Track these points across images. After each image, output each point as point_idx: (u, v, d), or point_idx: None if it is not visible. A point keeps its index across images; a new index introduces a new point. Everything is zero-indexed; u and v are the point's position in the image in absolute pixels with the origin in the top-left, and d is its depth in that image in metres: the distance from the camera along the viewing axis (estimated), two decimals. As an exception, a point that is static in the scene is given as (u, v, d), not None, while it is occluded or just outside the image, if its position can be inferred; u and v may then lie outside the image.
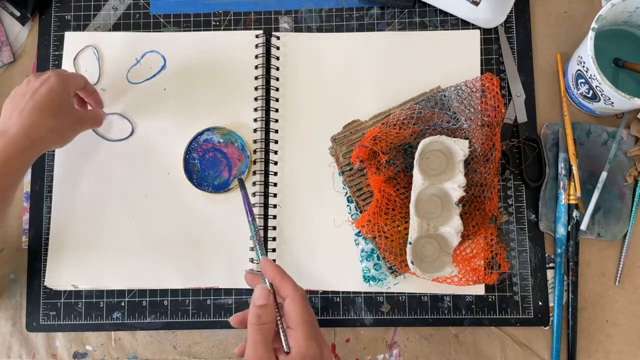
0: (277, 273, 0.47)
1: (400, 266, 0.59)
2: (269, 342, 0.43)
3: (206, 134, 0.62)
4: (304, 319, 0.44)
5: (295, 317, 0.44)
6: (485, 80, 0.61)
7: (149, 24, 0.67)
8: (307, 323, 0.44)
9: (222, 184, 0.62)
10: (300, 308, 0.44)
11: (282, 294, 0.46)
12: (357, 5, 0.66)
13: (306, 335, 0.43)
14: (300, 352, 0.42)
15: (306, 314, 0.44)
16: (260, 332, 0.43)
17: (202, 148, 0.62)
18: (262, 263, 0.48)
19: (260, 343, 0.43)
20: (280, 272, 0.47)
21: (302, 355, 0.42)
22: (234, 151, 0.62)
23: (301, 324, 0.44)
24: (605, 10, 0.55)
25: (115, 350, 0.62)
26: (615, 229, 0.61)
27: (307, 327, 0.44)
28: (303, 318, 0.44)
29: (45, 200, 0.64)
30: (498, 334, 0.61)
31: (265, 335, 0.43)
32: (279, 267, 0.48)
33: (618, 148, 0.62)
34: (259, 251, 0.50)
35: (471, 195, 0.60)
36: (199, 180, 0.62)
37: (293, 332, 0.44)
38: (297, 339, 0.43)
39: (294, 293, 0.45)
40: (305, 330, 0.43)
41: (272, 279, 0.47)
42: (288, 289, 0.46)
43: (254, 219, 0.52)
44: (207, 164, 0.62)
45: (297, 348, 0.43)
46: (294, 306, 0.44)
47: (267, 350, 0.43)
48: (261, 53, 0.65)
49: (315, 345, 0.43)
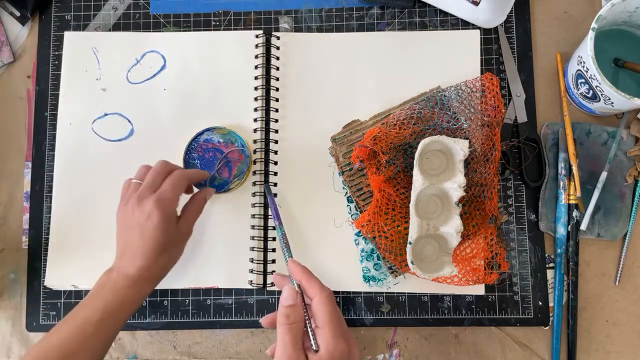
0: (304, 274, 0.49)
1: (400, 266, 0.59)
2: (297, 341, 0.45)
3: (206, 134, 0.62)
4: (331, 318, 0.45)
5: (322, 316, 0.45)
6: (485, 80, 0.61)
7: (149, 24, 0.67)
8: (335, 322, 0.45)
9: (222, 184, 0.62)
10: (328, 307, 0.46)
11: (309, 294, 0.48)
12: (357, 5, 0.66)
13: (334, 333, 0.44)
14: (329, 350, 0.44)
15: (333, 313, 0.46)
16: (290, 332, 0.45)
17: (202, 148, 0.62)
18: (290, 265, 0.51)
19: (289, 342, 0.44)
20: (307, 273, 0.49)
21: (331, 353, 0.44)
22: (234, 151, 0.62)
23: (329, 323, 0.45)
24: (605, 10, 0.55)
25: (115, 350, 0.62)
26: (615, 229, 0.61)
27: (334, 325, 0.45)
28: (330, 317, 0.45)
29: (45, 200, 0.64)
30: (498, 334, 0.61)
31: (294, 335, 0.45)
32: (306, 269, 0.50)
33: (618, 148, 0.62)
34: (286, 253, 0.53)
35: (471, 195, 0.60)
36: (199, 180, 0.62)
37: (321, 331, 0.45)
38: (325, 338, 0.44)
39: (321, 293, 0.47)
40: (333, 328, 0.45)
41: (299, 280, 0.49)
42: (315, 289, 0.47)
43: (281, 223, 0.55)
44: (207, 164, 0.62)
45: (326, 346, 0.44)
46: (321, 306, 0.46)
47: (296, 349, 0.44)
48: (261, 53, 0.65)
49: (343, 343, 0.44)
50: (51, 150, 0.65)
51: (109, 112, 0.65)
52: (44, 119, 0.66)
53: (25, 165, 0.65)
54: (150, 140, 0.65)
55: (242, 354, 0.62)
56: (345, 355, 0.44)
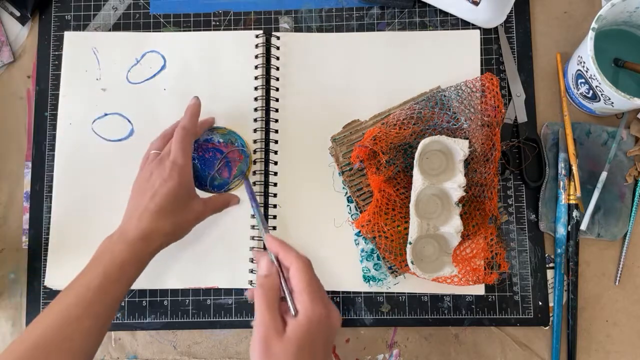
0: (281, 246, 0.50)
1: (400, 266, 0.59)
2: (272, 308, 0.45)
3: (206, 134, 0.62)
4: (308, 284, 0.46)
5: (299, 283, 0.46)
6: (485, 80, 0.61)
7: (149, 24, 0.67)
8: (311, 287, 0.46)
9: (222, 184, 0.62)
10: (305, 275, 0.47)
11: (286, 264, 0.49)
12: (357, 5, 0.66)
13: (311, 298, 0.46)
14: (307, 315, 0.45)
15: (311, 279, 0.47)
16: (264, 299, 0.46)
17: (202, 148, 0.62)
18: (267, 239, 0.51)
19: (265, 309, 0.45)
20: (283, 245, 0.50)
21: (309, 317, 0.45)
22: (234, 151, 0.62)
23: (306, 288, 0.46)
24: (605, 10, 0.55)
25: (115, 350, 0.62)
26: (615, 229, 0.61)
27: (311, 290, 0.46)
28: (307, 283, 0.46)
29: (45, 200, 0.64)
30: (498, 334, 0.61)
31: (269, 301, 0.46)
32: (282, 241, 0.51)
33: (618, 148, 0.62)
34: (263, 229, 0.53)
35: (471, 195, 0.60)
36: (199, 180, 0.62)
37: (299, 296, 0.46)
38: (303, 303, 0.46)
39: (297, 262, 0.48)
40: (310, 293, 0.46)
41: (276, 252, 0.50)
42: (292, 258, 0.48)
43: (256, 200, 0.57)
44: (206, 163, 0.62)
45: (304, 311, 0.45)
46: (298, 273, 0.47)
47: (271, 315, 0.45)
48: (261, 53, 0.65)
49: (321, 307, 0.46)
50: (51, 150, 0.65)
51: (109, 112, 0.65)
52: (44, 119, 0.66)
53: (25, 165, 0.65)
54: (150, 140, 0.64)
55: (242, 354, 0.62)
56: (323, 318, 0.45)
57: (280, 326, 0.45)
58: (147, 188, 0.54)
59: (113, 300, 0.50)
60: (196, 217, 0.56)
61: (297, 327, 0.44)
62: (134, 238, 0.51)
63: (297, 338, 0.44)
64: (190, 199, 0.56)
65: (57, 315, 0.47)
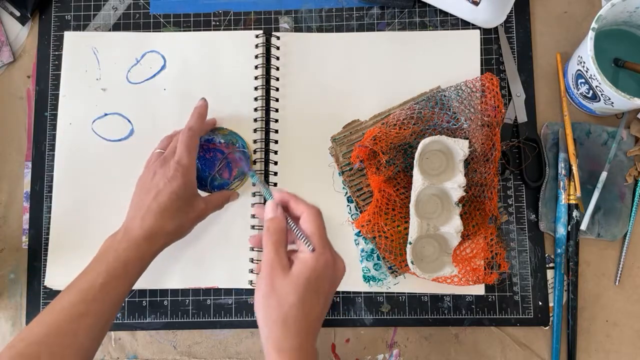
0: (291, 196, 0.50)
1: (400, 266, 0.59)
2: (278, 247, 0.46)
3: (208, 134, 0.62)
4: (319, 228, 0.47)
5: (310, 227, 0.47)
6: (485, 80, 0.61)
7: (149, 24, 0.67)
8: (321, 232, 0.47)
9: (222, 184, 0.62)
10: (316, 221, 0.47)
11: (297, 213, 0.49)
12: (357, 5, 0.66)
13: (320, 243, 0.46)
14: (315, 256, 0.45)
15: (321, 225, 0.47)
16: (270, 240, 0.46)
17: (203, 148, 0.62)
18: (276, 196, 0.50)
19: (271, 249, 0.46)
20: (294, 195, 0.50)
21: (316, 258, 0.45)
22: (235, 152, 0.62)
23: (316, 232, 0.47)
24: (605, 10, 0.55)
25: (115, 350, 0.62)
26: (615, 229, 0.61)
27: (321, 235, 0.47)
28: (318, 227, 0.47)
29: (45, 200, 0.64)
30: (498, 334, 0.61)
31: (274, 242, 0.46)
32: (292, 193, 0.50)
33: (618, 148, 0.62)
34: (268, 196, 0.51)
35: (471, 195, 0.60)
36: (199, 180, 0.62)
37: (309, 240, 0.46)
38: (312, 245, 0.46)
39: (309, 209, 0.48)
40: (321, 237, 0.47)
41: (287, 200, 0.50)
42: (303, 206, 0.48)
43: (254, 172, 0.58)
44: (207, 164, 0.62)
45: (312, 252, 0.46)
46: (310, 217, 0.47)
47: (277, 254, 0.46)
48: (261, 53, 0.65)
49: (328, 253, 0.46)
50: (51, 150, 0.65)
51: (109, 112, 0.65)
52: (44, 119, 0.66)
53: (25, 165, 0.65)
54: (150, 140, 0.64)
55: (242, 354, 0.62)
56: (330, 263, 0.46)
57: (286, 265, 0.45)
58: (150, 187, 0.54)
59: (116, 299, 0.50)
60: (198, 215, 0.56)
61: (304, 266, 0.45)
62: (137, 237, 0.51)
63: (302, 276, 0.44)
64: (193, 198, 0.56)
65: (60, 312, 0.47)
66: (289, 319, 0.44)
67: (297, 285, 0.44)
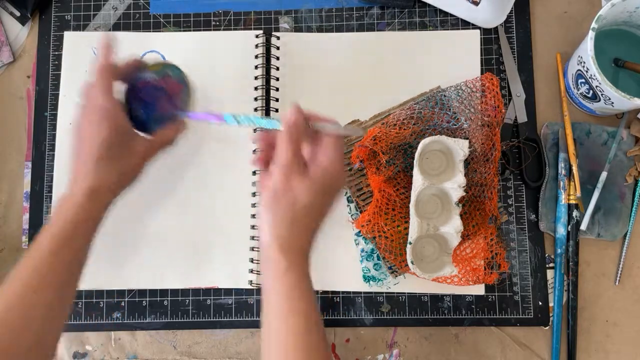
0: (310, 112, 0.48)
1: (400, 266, 0.59)
2: (297, 151, 0.46)
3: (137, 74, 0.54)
4: (337, 139, 0.47)
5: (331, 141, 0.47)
6: (485, 80, 0.61)
7: (149, 24, 0.67)
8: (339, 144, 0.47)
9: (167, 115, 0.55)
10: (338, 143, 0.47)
11: None
12: (357, 5, 0.66)
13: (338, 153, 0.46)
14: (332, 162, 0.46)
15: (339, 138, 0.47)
16: (289, 142, 0.46)
17: (136, 89, 0.54)
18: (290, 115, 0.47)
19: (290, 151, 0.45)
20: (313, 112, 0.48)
21: (333, 164, 0.46)
22: (172, 84, 0.56)
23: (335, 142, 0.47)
24: (605, 10, 0.55)
25: (115, 350, 0.62)
26: (615, 229, 0.61)
27: (339, 146, 0.47)
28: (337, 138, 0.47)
29: (45, 200, 0.64)
30: (498, 334, 0.61)
31: (291, 139, 0.46)
32: None
33: (618, 148, 0.62)
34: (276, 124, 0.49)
35: (471, 195, 0.60)
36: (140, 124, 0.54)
37: (326, 148, 0.47)
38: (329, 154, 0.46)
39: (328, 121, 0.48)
40: (338, 149, 0.47)
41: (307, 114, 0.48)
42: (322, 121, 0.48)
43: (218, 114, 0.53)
44: (147, 106, 0.54)
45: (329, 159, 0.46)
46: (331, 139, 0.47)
47: (296, 157, 0.46)
48: (261, 53, 0.65)
49: (342, 163, 0.47)
50: (51, 150, 0.65)
51: (109, 112, 0.65)
52: (44, 119, 0.66)
53: (25, 165, 0.65)
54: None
55: (242, 354, 0.62)
56: (341, 175, 0.47)
57: (302, 164, 0.46)
58: (83, 138, 0.51)
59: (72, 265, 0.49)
60: (143, 157, 0.53)
61: (320, 170, 0.46)
62: (81, 199, 0.49)
63: (318, 178, 0.45)
64: (130, 141, 0.52)
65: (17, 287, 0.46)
66: (298, 219, 0.45)
67: (313, 187, 0.45)
